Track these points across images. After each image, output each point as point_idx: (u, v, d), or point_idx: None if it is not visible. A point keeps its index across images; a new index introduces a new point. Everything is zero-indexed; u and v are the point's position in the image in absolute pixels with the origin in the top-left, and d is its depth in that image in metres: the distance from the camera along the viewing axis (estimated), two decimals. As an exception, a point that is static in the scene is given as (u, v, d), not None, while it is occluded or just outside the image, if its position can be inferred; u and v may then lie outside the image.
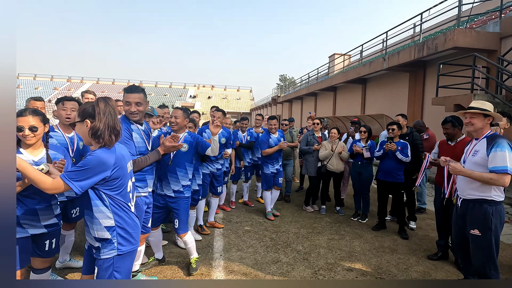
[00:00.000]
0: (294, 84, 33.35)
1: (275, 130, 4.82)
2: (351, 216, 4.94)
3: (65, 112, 2.63)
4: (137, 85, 2.47)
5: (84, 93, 4.09)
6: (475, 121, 2.55)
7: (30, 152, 2.00)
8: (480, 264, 2.51)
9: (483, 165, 2.43)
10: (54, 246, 2.17)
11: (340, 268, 3.23)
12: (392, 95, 13.55)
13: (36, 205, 2.01)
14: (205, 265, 3.16)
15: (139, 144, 2.35)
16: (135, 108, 2.33)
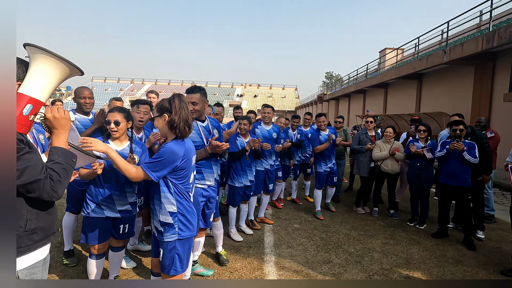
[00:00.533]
0: (341, 82, 31.99)
1: (324, 127, 4.75)
2: (407, 220, 4.55)
3: (139, 115, 2.86)
4: (196, 86, 2.58)
5: (148, 93, 4.43)
6: None
7: (116, 143, 2.30)
8: None
9: None
10: (127, 230, 2.40)
11: (397, 275, 3.00)
12: (453, 91, 12.18)
13: (113, 190, 2.26)
14: (257, 259, 3.19)
15: (193, 139, 2.46)
16: (191, 107, 2.45)
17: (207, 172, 2.56)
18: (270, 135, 4.13)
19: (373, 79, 18.79)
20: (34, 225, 1.22)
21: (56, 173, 1.20)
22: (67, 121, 1.29)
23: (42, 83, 1.21)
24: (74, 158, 1.31)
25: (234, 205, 3.72)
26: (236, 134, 3.69)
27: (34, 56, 1.20)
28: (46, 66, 1.21)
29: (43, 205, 1.25)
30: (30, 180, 1.13)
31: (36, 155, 1.19)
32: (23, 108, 1.17)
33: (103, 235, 2.29)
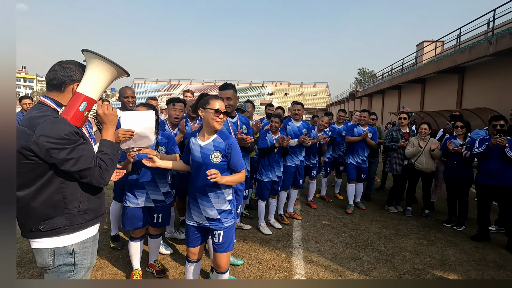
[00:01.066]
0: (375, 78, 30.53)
1: (364, 122, 4.79)
2: (444, 221, 4.29)
3: (175, 112, 3.05)
4: (228, 83, 2.69)
5: (185, 92, 4.66)
6: None
7: None
8: None
9: None
10: (161, 219, 2.55)
11: (430, 275, 2.87)
12: (500, 86, 11.06)
13: (145, 180, 2.42)
14: (285, 252, 3.24)
15: None
16: (226, 102, 2.54)
17: None
18: (300, 131, 4.15)
19: (409, 74, 17.68)
20: (86, 206, 1.38)
21: (104, 163, 1.35)
22: (114, 117, 1.45)
23: (95, 84, 1.37)
24: (119, 150, 1.47)
25: (263, 199, 3.80)
26: (266, 130, 3.76)
27: (90, 61, 1.36)
28: (99, 69, 1.36)
29: (94, 190, 1.41)
30: (83, 167, 1.28)
31: (89, 146, 1.35)
32: (79, 105, 1.33)
33: (138, 222, 2.47)
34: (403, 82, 18.51)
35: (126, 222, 2.47)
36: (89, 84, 1.36)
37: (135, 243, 2.54)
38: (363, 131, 4.68)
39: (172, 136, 2.64)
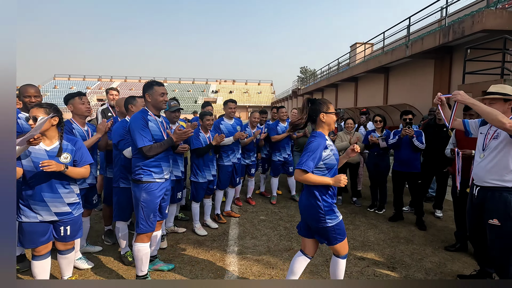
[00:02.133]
0: (315, 76, 32.69)
1: (285, 118, 5.10)
2: (367, 207, 4.86)
3: (84, 106, 2.86)
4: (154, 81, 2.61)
5: (109, 89, 4.35)
6: (495, 107, 2.35)
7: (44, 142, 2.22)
8: (498, 255, 2.39)
9: (505, 149, 2.28)
10: (70, 232, 2.31)
11: (352, 257, 3.23)
12: (416, 84, 12.93)
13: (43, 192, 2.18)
14: (220, 252, 3.29)
15: (155, 133, 2.51)
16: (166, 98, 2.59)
17: (165, 165, 2.60)
18: (235, 129, 4.22)
19: (344, 73, 19.43)
20: None
21: None
22: None
23: None
24: None
25: (197, 200, 3.78)
26: (198, 130, 3.74)
27: None
28: None
29: None
30: None
31: None
32: None
33: (40, 238, 2.20)
34: (339, 80, 20.25)
35: (24, 240, 2.17)
36: None
37: (39, 262, 2.24)
38: (285, 128, 5.00)
39: (81, 142, 2.42)
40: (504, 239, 2.33)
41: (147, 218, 2.48)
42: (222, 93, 55.36)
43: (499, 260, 2.39)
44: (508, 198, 2.28)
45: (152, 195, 2.48)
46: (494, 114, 2.14)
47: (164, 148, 2.50)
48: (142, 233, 2.51)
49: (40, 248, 2.23)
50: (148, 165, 2.49)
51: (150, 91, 2.54)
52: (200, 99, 50.11)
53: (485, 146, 2.45)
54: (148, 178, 2.48)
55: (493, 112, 2.16)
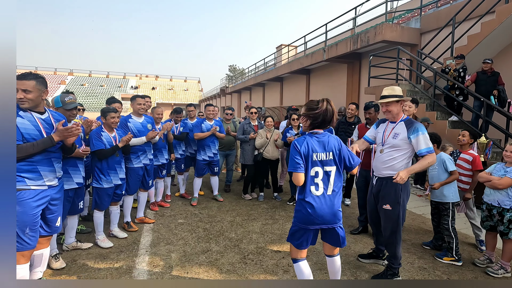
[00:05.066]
0: (243, 75, 33.43)
1: (212, 117, 5.04)
2: (287, 200, 5.19)
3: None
4: (29, 73, 2.23)
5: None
6: (391, 108, 2.76)
7: None
8: (389, 234, 2.84)
9: (403, 147, 2.69)
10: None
11: (269, 251, 3.38)
12: (333, 85, 14.45)
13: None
14: (127, 263, 3.03)
15: (27, 131, 2.15)
16: (22, 95, 2.12)
17: (46, 170, 2.25)
18: (145, 127, 3.95)
19: (270, 73, 20.39)
20: None
21: None
22: None
23: None
24: None
25: (101, 208, 3.41)
26: (100, 129, 3.37)
27: None
28: None
29: None
30: None
31: None
32: None
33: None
34: (266, 80, 21.16)
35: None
36: None
37: None
38: (211, 126, 4.95)
39: None
40: (393, 221, 2.77)
41: (21, 233, 2.09)
42: (143, 89, 51.67)
43: (388, 239, 2.83)
44: (397, 186, 2.72)
45: (24, 205, 2.11)
46: (425, 164, 2.59)
47: (39, 149, 2.14)
48: (18, 251, 2.11)
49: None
50: (18, 170, 2.10)
51: None
52: (117, 95, 45.74)
53: (384, 142, 2.85)
54: (19, 185, 2.10)
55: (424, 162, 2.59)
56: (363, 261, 3.19)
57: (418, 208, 4.99)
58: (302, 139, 2.19)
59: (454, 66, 6.48)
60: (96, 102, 42.95)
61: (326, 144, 2.21)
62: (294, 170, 2.12)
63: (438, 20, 8.87)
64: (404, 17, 13.24)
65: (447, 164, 3.25)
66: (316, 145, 2.18)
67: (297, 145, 2.16)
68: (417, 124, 2.67)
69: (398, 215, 2.75)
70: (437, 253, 3.31)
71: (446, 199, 3.25)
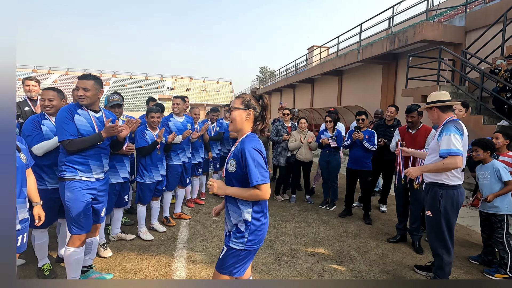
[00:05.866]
0: (274, 76, 33.38)
1: None
2: (320, 204, 5.06)
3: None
4: (90, 74, 2.46)
5: (26, 79, 3.74)
6: (429, 115, 2.69)
7: None
8: (432, 242, 2.66)
9: (436, 150, 2.54)
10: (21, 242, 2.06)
11: (303, 253, 3.31)
12: (367, 87, 13.91)
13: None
14: (166, 257, 3.13)
15: (83, 127, 2.32)
16: (82, 92, 2.31)
17: (95, 164, 2.39)
18: (184, 126, 4.07)
19: (301, 74, 20.14)
20: None
21: None
22: None
23: None
24: None
25: (144, 202, 3.56)
26: (144, 127, 3.52)
27: None
28: None
29: None
30: None
31: None
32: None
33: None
34: (297, 81, 20.94)
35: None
36: None
37: None
38: None
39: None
40: (434, 229, 2.59)
41: (76, 218, 2.28)
42: (179, 90, 53.58)
43: (433, 248, 2.65)
44: (437, 192, 2.54)
45: (77, 193, 2.28)
46: (441, 165, 2.43)
47: (89, 144, 2.31)
48: (75, 234, 2.32)
49: None
50: (72, 161, 2.30)
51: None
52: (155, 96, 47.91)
53: (427, 147, 2.74)
54: (72, 175, 2.29)
55: (439, 163, 2.44)
56: (419, 273, 2.98)
57: (462, 218, 4.62)
58: (257, 139, 1.78)
59: (505, 67, 5.91)
60: (136, 102, 45.24)
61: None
62: (265, 181, 1.66)
63: (486, 17, 8.17)
64: (447, 14, 12.37)
65: (501, 173, 2.95)
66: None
67: (259, 149, 1.72)
68: (447, 126, 2.48)
69: (439, 223, 2.57)
70: (486, 269, 3.03)
71: (499, 211, 2.96)
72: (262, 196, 1.67)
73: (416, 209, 3.54)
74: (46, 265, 2.67)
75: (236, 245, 1.73)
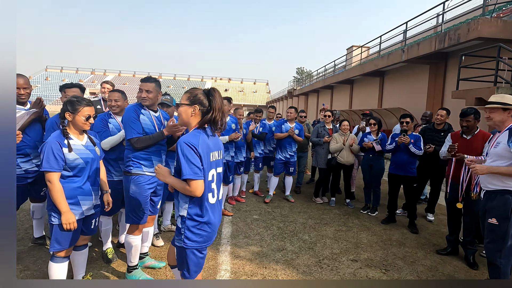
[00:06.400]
0: (311, 77, 32.83)
1: (291, 118, 5.15)
2: (361, 209, 4.88)
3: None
4: (151, 77, 2.63)
5: (103, 83, 4.27)
6: (493, 115, 2.52)
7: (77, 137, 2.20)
8: (491, 253, 2.46)
9: (505, 156, 2.39)
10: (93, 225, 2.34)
11: (345, 258, 3.23)
12: (411, 88, 13.07)
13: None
14: (212, 250, 3.25)
15: (146, 126, 2.50)
16: (145, 94, 2.48)
17: (156, 160, 2.57)
18: (229, 126, 4.20)
19: (340, 75, 19.54)
20: None
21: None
22: None
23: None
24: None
25: (191, 197, 3.74)
26: None
27: None
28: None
29: None
30: None
31: None
32: None
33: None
34: (335, 82, 20.36)
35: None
36: None
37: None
38: (290, 128, 5.02)
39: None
40: (498, 238, 2.39)
41: (137, 209, 2.47)
42: (217, 91, 55.09)
43: (491, 258, 2.46)
44: (509, 199, 2.36)
45: (140, 188, 2.47)
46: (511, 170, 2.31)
47: (154, 141, 2.49)
48: (132, 224, 2.52)
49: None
50: (137, 157, 2.48)
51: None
52: (195, 96, 49.68)
53: (487, 153, 2.59)
54: (137, 170, 2.48)
55: (509, 170, 2.32)
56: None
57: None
58: (197, 135, 1.70)
59: None
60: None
61: (217, 140, 1.86)
62: (195, 177, 1.60)
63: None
64: (506, 9, 11.15)
65: None
66: (211, 142, 1.78)
67: (193, 144, 1.64)
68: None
69: (505, 231, 2.37)
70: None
71: None
72: (191, 191, 1.62)
73: (470, 221, 3.27)
74: (109, 249, 2.93)
75: (177, 242, 1.73)
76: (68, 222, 2.03)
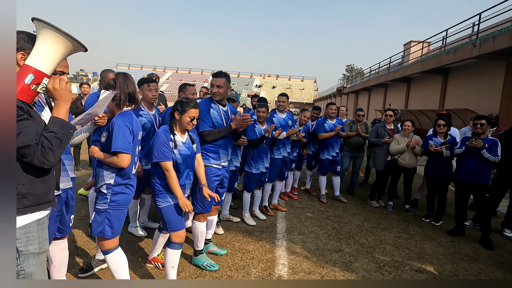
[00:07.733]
0: (362, 75, 31.00)
1: (332, 115, 4.91)
2: (422, 216, 4.44)
3: (151, 93, 2.89)
4: (222, 72, 2.64)
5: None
6: None
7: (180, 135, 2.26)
8: None
9: None
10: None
11: (409, 267, 2.97)
12: (481, 87, 11.50)
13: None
14: (269, 243, 3.25)
15: (215, 120, 2.57)
16: (216, 90, 2.54)
17: (223, 153, 2.63)
18: (286, 122, 4.14)
19: (396, 72, 18.07)
20: (26, 190, 1.25)
21: (48, 141, 1.21)
22: (67, 93, 1.30)
23: (46, 56, 1.26)
24: (71, 129, 1.32)
25: (249, 190, 3.78)
26: (254, 121, 3.71)
27: (41, 31, 1.24)
28: (52, 40, 1.25)
29: (37, 172, 1.28)
30: (22, 144, 1.16)
31: (33, 122, 1.22)
32: (25, 77, 1.22)
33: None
34: (389, 80, 18.89)
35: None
36: (39, 56, 1.25)
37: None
38: (333, 125, 4.78)
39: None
40: None
41: (204, 199, 2.51)
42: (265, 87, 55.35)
43: None
44: None
45: (208, 179, 2.53)
46: None
47: (222, 134, 2.54)
48: (198, 212, 2.60)
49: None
50: (206, 150, 2.56)
51: None
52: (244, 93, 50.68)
53: None
54: (206, 162, 2.56)
55: None
56: None
57: None
58: (129, 116, 2.00)
59: None
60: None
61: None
62: (125, 150, 1.87)
63: None
64: None
65: None
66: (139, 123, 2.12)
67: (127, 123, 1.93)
68: None
69: None
70: None
71: None
72: (118, 163, 1.88)
73: None
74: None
75: (100, 206, 1.95)
76: (186, 205, 2.13)
